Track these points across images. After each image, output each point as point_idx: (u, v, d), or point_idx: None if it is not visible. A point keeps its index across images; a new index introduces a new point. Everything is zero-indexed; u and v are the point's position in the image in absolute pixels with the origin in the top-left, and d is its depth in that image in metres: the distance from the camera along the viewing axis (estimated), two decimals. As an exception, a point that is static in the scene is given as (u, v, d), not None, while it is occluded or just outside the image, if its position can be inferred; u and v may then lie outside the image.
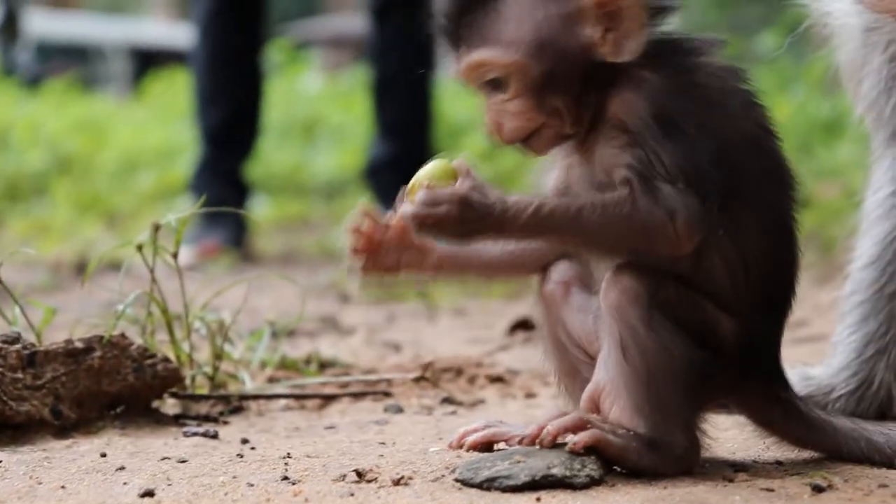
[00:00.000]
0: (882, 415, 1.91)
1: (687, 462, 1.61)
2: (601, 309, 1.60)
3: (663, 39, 1.62)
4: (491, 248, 1.71)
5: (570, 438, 1.59)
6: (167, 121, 9.97)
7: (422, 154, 5.65)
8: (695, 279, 1.60)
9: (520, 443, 1.63)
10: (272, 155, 8.20)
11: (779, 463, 1.69)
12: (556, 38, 1.60)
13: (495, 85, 1.63)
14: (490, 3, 1.62)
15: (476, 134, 8.59)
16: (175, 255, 2.19)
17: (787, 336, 1.71)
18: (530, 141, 1.65)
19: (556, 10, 1.60)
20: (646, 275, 1.58)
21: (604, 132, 1.60)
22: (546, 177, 1.71)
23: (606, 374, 1.64)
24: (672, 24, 1.64)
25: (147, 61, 17.87)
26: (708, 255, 1.59)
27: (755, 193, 1.61)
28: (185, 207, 5.40)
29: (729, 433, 1.72)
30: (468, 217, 1.55)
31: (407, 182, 5.52)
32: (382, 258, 1.70)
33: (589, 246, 1.62)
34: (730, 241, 1.59)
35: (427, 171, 1.61)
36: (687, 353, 1.58)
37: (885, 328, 1.92)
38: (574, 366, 1.72)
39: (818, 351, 2.08)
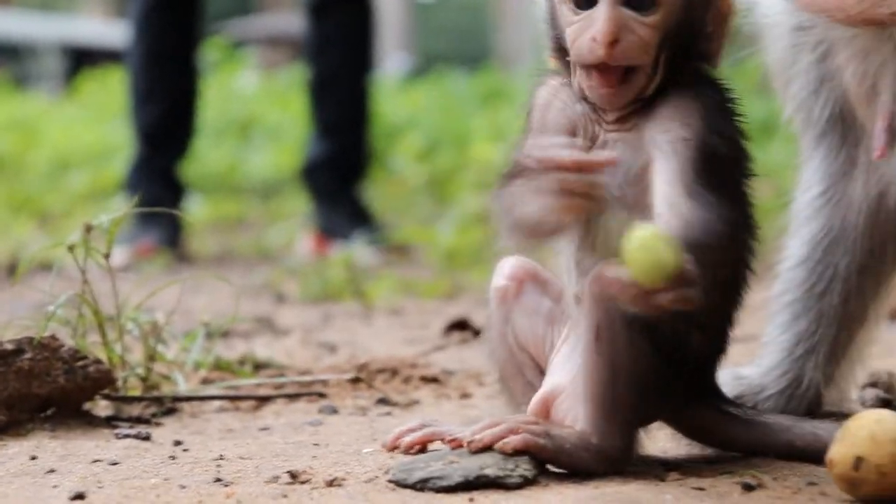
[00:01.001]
0: (811, 413, 1.93)
1: (621, 463, 1.62)
2: (586, 295, 1.59)
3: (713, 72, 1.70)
4: None
5: (502, 441, 1.59)
6: (101, 120, 9.88)
7: (359, 153, 5.69)
8: None
9: (451, 445, 1.63)
10: (208, 154, 8.15)
11: (710, 462, 1.70)
12: (699, 7, 1.66)
13: (641, 2, 1.62)
14: None
15: (412, 134, 8.60)
16: (107, 256, 2.17)
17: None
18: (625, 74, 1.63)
19: None
20: None
21: (659, 119, 1.62)
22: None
23: (564, 376, 1.64)
24: None
25: (81, 59, 17.70)
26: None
27: (739, 225, 1.66)
28: (120, 207, 5.36)
29: (661, 432, 1.74)
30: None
31: (343, 181, 5.45)
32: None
33: None
34: (727, 263, 1.63)
35: (662, 248, 1.44)
36: (654, 361, 1.59)
37: (814, 327, 1.95)
38: (519, 368, 1.73)
39: (750, 350, 2.10)
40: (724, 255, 1.59)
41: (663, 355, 1.59)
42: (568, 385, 1.65)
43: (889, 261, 1.95)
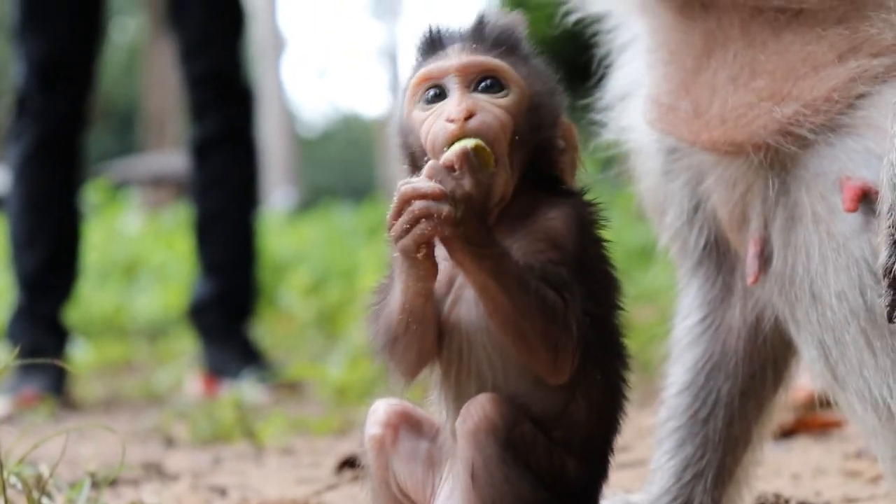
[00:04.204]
0: (702, 538, 1.95)
1: None
2: (457, 433, 1.59)
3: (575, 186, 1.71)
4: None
5: None
6: (-19, 266, 9.71)
7: (246, 291, 5.67)
8: (559, 421, 1.62)
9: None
10: (92, 297, 8.06)
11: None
12: (547, 113, 1.68)
13: (491, 86, 1.64)
14: (520, 51, 1.68)
15: (300, 269, 8.59)
16: (-12, 409, 2.13)
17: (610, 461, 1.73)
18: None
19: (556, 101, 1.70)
20: (506, 408, 1.58)
21: (528, 237, 1.61)
22: None
23: (453, 504, 1.64)
24: None
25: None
26: (577, 398, 1.62)
27: (614, 344, 1.68)
28: (1, 356, 5.24)
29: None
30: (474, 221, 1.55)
31: (231, 319, 5.37)
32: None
33: (508, 319, 1.57)
34: (598, 387, 1.63)
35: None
36: (532, 493, 1.58)
37: (701, 452, 1.97)
38: (404, 513, 1.72)
39: (640, 476, 2.12)
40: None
41: (542, 486, 1.59)
42: None
43: (769, 384, 1.99)
